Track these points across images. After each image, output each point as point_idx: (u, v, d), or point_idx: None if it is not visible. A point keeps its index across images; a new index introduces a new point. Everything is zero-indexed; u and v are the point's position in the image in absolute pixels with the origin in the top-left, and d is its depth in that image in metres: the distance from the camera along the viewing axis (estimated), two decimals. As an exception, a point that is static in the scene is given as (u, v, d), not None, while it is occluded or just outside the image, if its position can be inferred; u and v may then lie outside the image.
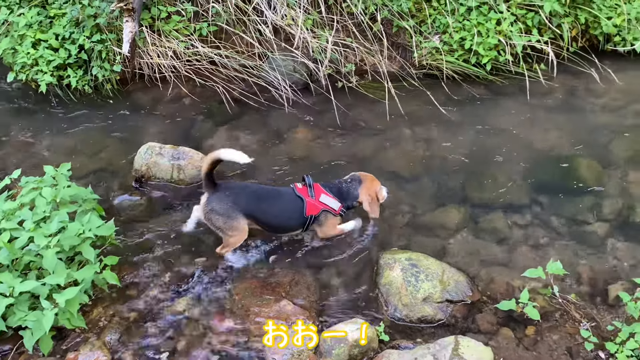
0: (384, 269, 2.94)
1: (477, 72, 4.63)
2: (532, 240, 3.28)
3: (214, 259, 3.17)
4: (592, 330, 2.59)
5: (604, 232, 3.29)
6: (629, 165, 3.77)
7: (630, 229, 3.29)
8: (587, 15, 4.67)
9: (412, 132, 4.23)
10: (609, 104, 4.43)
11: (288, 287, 2.96)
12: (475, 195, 3.65)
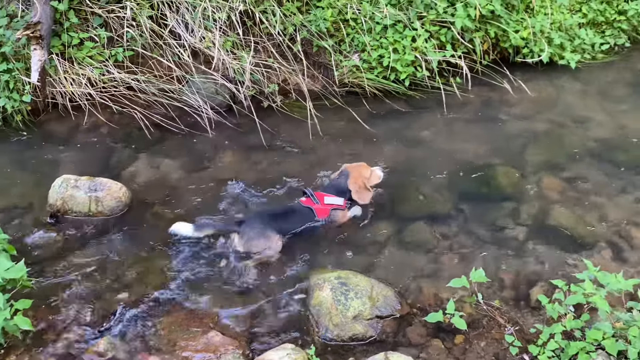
0: (314, 289, 2.91)
1: (397, 87, 4.75)
2: (457, 249, 3.35)
3: (138, 294, 3.03)
4: (516, 334, 2.66)
5: (523, 237, 3.41)
6: (542, 170, 3.95)
7: (547, 231, 3.43)
8: (497, 29, 4.91)
9: (337, 148, 4.26)
10: (521, 112, 4.65)
11: (216, 316, 2.87)
12: (401, 208, 3.70)
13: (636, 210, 3.55)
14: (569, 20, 5.10)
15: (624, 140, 4.22)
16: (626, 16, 5.32)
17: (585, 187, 3.79)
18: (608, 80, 5.04)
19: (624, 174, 3.87)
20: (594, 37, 5.25)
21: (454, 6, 4.68)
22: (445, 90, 4.72)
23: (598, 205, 3.62)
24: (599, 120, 4.48)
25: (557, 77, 5.08)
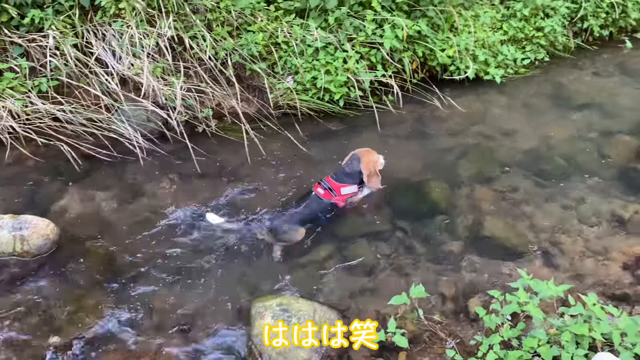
0: (256, 318, 2.85)
1: (332, 108, 4.80)
2: (397, 266, 3.38)
3: (69, 336, 2.87)
4: (457, 348, 2.70)
5: (459, 249, 3.48)
6: (475, 182, 4.07)
7: (482, 243, 3.53)
8: (424, 49, 5.07)
9: (275, 171, 4.24)
10: (452, 128, 4.80)
11: (155, 355, 2.75)
12: (341, 228, 3.70)
13: (563, 217, 3.71)
14: (492, 38, 5.35)
15: (548, 151, 4.43)
16: (543, 32, 5.63)
17: (516, 197, 3.93)
18: (531, 93, 5.29)
19: (550, 183, 4.04)
20: (516, 52, 5.52)
21: (382, 28, 4.80)
22: (379, 108, 4.81)
23: (528, 214, 3.77)
24: (525, 132, 4.68)
25: (484, 92, 5.28)
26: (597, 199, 3.85)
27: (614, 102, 5.12)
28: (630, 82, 5.50)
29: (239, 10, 4.61)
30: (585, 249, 3.44)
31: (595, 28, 5.99)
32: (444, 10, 5.15)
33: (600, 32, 6.07)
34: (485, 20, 5.39)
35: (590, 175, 4.10)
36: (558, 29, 5.64)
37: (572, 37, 6.04)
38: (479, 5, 5.59)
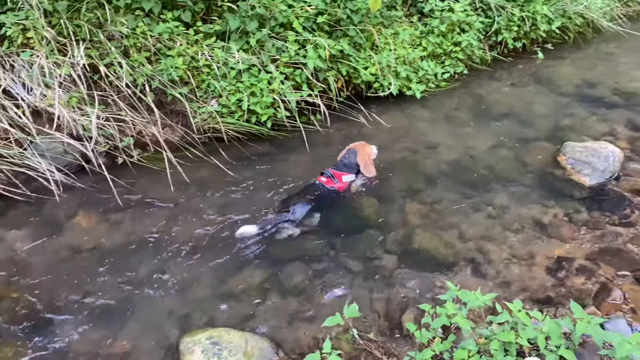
0: (184, 355, 2.73)
1: (260, 130, 4.75)
2: (331, 286, 3.34)
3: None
4: (392, 366, 2.69)
5: (392, 265, 3.49)
6: (404, 196, 4.12)
7: (413, 256, 3.56)
8: (348, 67, 5.13)
9: (202, 198, 4.12)
10: (379, 143, 4.82)
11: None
12: (274, 252, 3.64)
13: (488, 225, 3.81)
14: (412, 54, 5.49)
15: (471, 161, 4.56)
16: (461, 47, 5.84)
17: (443, 208, 4.01)
18: (453, 106, 5.46)
19: (475, 193, 4.15)
20: (436, 67, 5.70)
21: (305, 48, 4.82)
22: (307, 128, 4.81)
23: (456, 225, 3.84)
24: (449, 144, 4.81)
25: (408, 106, 5.41)
26: (519, 206, 3.98)
27: (530, 110, 5.36)
28: (544, 91, 5.79)
29: (156, 35, 4.49)
30: (510, 255, 3.53)
31: (509, 41, 6.29)
32: (365, 30, 5.24)
33: (514, 44, 6.38)
34: (404, 37, 5.54)
35: (511, 183, 4.24)
36: (474, 43, 5.87)
37: (489, 50, 6.31)
38: (398, 23, 5.74)
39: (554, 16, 6.53)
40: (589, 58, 6.59)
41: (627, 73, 6.18)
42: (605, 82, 5.90)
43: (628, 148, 4.62)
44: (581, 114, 5.26)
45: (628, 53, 6.74)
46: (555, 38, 6.83)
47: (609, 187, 4.12)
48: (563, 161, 4.37)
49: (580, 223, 3.77)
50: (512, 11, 6.21)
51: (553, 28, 6.53)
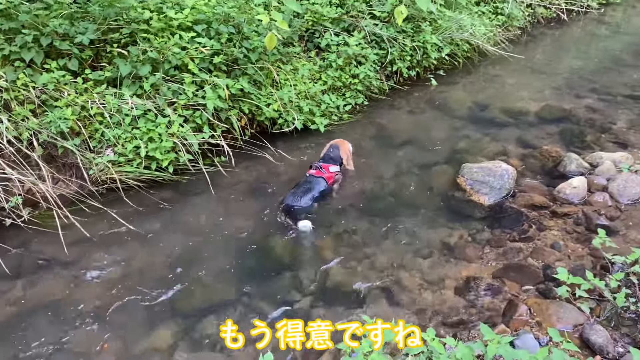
0: None
1: (161, 176, 4.56)
2: (247, 337, 3.20)
3: None
4: (314, 414, 2.60)
5: (307, 306, 3.42)
6: (315, 231, 4.09)
7: (329, 293, 3.51)
8: (250, 105, 5.09)
9: (103, 255, 3.85)
10: (288, 179, 4.82)
11: None
12: (185, 306, 3.45)
13: (399, 252, 3.86)
14: (313, 89, 5.56)
15: (379, 190, 4.64)
16: (359, 79, 6.01)
17: (356, 239, 4.02)
18: (357, 137, 5.55)
19: (385, 221, 4.21)
20: (337, 100, 5.80)
21: (203, 89, 4.73)
22: (212, 170, 4.69)
23: (369, 255, 3.86)
24: (356, 174, 4.86)
25: (314, 140, 5.43)
26: (427, 230, 4.08)
27: (429, 135, 5.58)
28: (440, 115, 6.07)
29: (40, 87, 4.22)
30: (422, 281, 3.59)
31: (404, 70, 6.55)
32: (264, 67, 5.25)
33: (409, 73, 6.66)
34: (304, 72, 5.61)
35: (418, 208, 4.35)
36: (371, 74, 6.06)
37: (386, 80, 6.54)
38: (296, 59, 5.80)
39: (442, 44, 6.90)
40: (478, 81, 7.01)
41: (513, 93, 6.64)
42: (494, 103, 6.29)
43: (520, 165, 4.91)
44: (475, 135, 5.55)
45: (513, 74, 7.26)
46: (446, 64, 7.21)
47: (506, 204, 4.34)
48: (462, 183, 4.55)
49: (483, 242, 3.92)
50: (404, 42, 6.49)
51: (443, 55, 6.89)
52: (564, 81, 6.97)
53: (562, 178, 4.59)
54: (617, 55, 8.05)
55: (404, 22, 6.51)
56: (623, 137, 5.39)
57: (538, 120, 5.86)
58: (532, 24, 9.16)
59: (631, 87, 6.72)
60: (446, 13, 7.09)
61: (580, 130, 5.57)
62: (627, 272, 3.26)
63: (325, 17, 6.18)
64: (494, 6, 8.39)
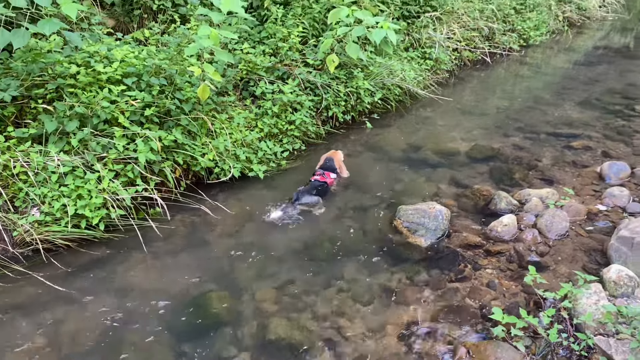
0: None
1: (93, 233, 4.37)
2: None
3: None
4: None
5: (247, 362, 3.33)
6: (255, 283, 4.01)
7: (269, 347, 3.43)
8: (184, 156, 5.01)
9: (28, 324, 3.61)
10: (226, 230, 4.74)
11: None
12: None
13: (340, 300, 3.84)
14: (249, 136, 5.56)
15: (319, 236, 4.63)
16: (295, 125, 6.07)
17: (296, 289, 3.97)
18: (296, 182, 5.54)
19: (325, 268, 4.19)
20: (275, 146, 5.82)
21: (134, 142, 4.63)
22: (146, 224, 4.55)
23: (309, 305, 3.81)
24: (298, 222, 4.83)
25: (253, 188, 5.39)
26: (367, 276, 4.09)
27: (366, 178, 5.67)
28: (376, 158, 6.19)
29: (-43, 146, 4.01)
30: (364, 329, 3.56)
31: (339, 115, 6.69)
32: (198, 117, 5.21)
33: (344, 117, 6.80)
34: (239, 121, 5.61)
35: (357, 253, 4.37)
36: (307, 120, 6.14)
37: (322, 125, 6.64)
38: (232, 107, 5.81)
39: (375, 89, 7.12)
40: (411, 123, 7.24)
41: (444, 134, 6.88)
42: (427, 145, 6.49)
43: (454, 204, 5.05)
44: (411, 176, 5.69)
45: (443, 116, 7.54)
46: (379, 108, 7.41)
47: (442, 245, 4.42)
48: (399, 225, 4.62)
49: (422, 284, 3.96)
50: (337, 88, 6.64)
51: (376, 99, 7.09)
52: (491, 121, 7.31)
53: (493, 216, 4.74)
54: (539, 95, 8.55)
55: (337, 69, 6.68)
56: (548, 173, 5.67)
57: (469, 159, 6.08)
58: (459, 66, 9.63)
59: (553, 125, 7.12)
60: (377, 59, 7.33)
61: (509, 168, 5.82)
62: (558, 307, 3.37)
63: (260, 66, 6.26)
64: (422, 51, 8.77)
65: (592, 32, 13.44)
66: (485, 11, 10.26)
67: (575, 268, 4.01)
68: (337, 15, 5.95)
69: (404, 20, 8.80)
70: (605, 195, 4.99)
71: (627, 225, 4.07)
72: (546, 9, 12.40)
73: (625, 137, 6.64)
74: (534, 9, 11.91)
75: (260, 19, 7.06)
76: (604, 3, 15.17)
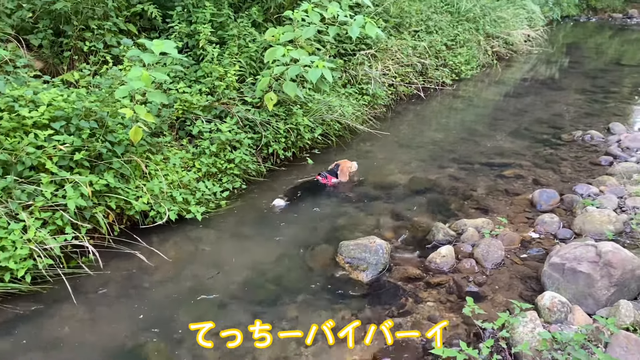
0: None
1: (19, 287, 4.11)
2: None
3: None
4: None
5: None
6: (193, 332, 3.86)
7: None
8: (117, 200, 4.84)
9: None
10: (164, 276, 4.57)
11: None
12: None
13: (282, 343, 3.74)
14: (186, 177, 5.45)
15: (261, 277, 4.53)
16: (235, 163, 6.00)
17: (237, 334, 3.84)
18: (237, 223, 5.47)
19: (266, 310, 4.10)
20: (213, 186, 5.72)
21: (63, 188, 4.43)
22: (78, 273, 4.32)
23: (251, 350, 3.69)
24: (237, 263, 4.74)
25: (191, 230, 5.25)
26: (310, 315, 4.02)
27: (309, 214, 5.65)
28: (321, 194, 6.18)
29: None
30: (307, 372, 3.48)
31: (280, 151, 6.68)
32: (131, 160, 5.07)
33: (285, 154, 6.79)
34: (176, 161, 5.50)
35: (300, 293, 4.30)
36: (247, 158, 6.10)
37: (263, 162, 6.61)
38: (167, 148, 5.69)
39: (315, 125, 7.19)
40: (351, 158, 7.27)
41: (384, 167, 6.99)
42: (367, 178, 6.56)
43: (394, 237, 5.10)
44: (352, 211, 5.71)
45: (382, 149, 7.68)
46: (320, 143, 7.47)
47: (384, 279, 4.43)
48: (341, 261, 4.61)
49: (365, 321, 3.94)
50: (277, 125, 6.66)
51: (316, 135, 7.15)
52: (427, 153, 7.50)
53: (432, 248, 4.81)
54: (472, 126, 8.89)
55: (276, 107, 6.70)
56: (483, 202, 5.85)
57: (407, 192, 6.19)
58: (396, 101, 9.89)
59: (487, 155, 7.39)
60: (315, 96, 7.43)
61: (445, 199, 5.96)
62: (496, 337, 3.42)
63: (196, 105, 6.20)
64: (359, 87, 8.97)
65: (520, 65, 14.19)
66: (418, 48, 10.66)
67: (512, 296, 4.10)
68: (273, 55, 6.01)
69: (340, 57, 9.01)
70: (537, 222, 5.18)
71: (558, 251, 4.22)
72: (476, 44, 13.02)
73: (553, 165, 6.97)
74: (464, 45, 12.49)
75: (196, 59, 7.03)
76: (529, 38, 16.10)
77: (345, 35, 8.54)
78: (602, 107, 10.08)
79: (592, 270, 3.88)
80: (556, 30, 19.91)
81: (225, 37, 7.26)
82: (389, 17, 10.54)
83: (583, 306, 3.82)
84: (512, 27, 14.94)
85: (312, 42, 7.21)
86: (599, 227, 4.89)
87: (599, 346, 3.30)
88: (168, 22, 7.09)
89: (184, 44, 7.07)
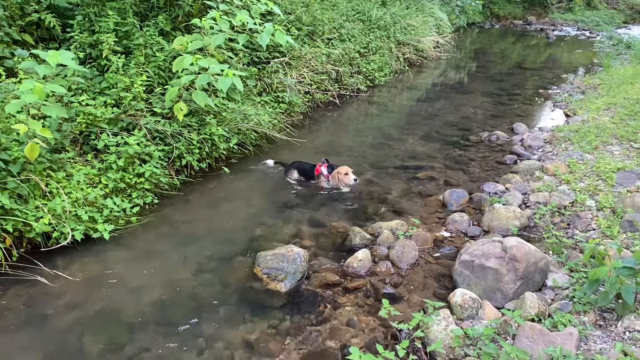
0: None
1: None
2: None
3: None
4: None
5: None
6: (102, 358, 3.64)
7: None
8: (15, 222, 4.48)
9: None
10: (72, 300, 4.28)
11: None
12: None
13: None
14: (92, 194, 5.15)
15: (176, 295, 4.35)
16: (145, 177, 5.75)
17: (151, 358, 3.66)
18: (151, 239, 5.23)
19: (183, 328, 3.94)
20: (122, 202, 5.45)
21: (-51, 212, 4.05)
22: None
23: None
24: (150, 282, 4.53)
25: (101, 250, 4.96)
26: (228, 330, 3.92)
27: (227, 226, 5.52)
28: (236, 204, 6.08)
29: None
30: (225, 389, 3.37)
31: (194, 163, 6.49)
32: (29, 178, 4.72)
33: (199, 165, 6.61)
34: (80, 178, 5.19)
35: (217, 307, 4.18)
36: (158, 171, 5.87)
37: (176, 175, 6.39)
38: (70, 164, 5.36)
39: (230, 135, 7.06)
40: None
41: (301, 175, 6.97)
42: (286, 187, 6.52)
43: (313, 245, 5.08)
44: (270, 220, 5.65)
45: (300, 157, 7.65)
46: (237, 153, 7.35)
47: (302, 288, 4.40)
48: (259, 272, 4.53)
49: (284, 332, 3.88)
50: (190, 136, 6.47)
51: (232, 145, 7.03)
52: (344, 159, 7.58)
53: (350, 252, 4.85)
54: (387, 131, 9.10)
55: (187, 117, 6.52)
56: (398, 205, 5.98)
57: (326, 198, 6.21)
58: (313, 108, 9.94)
59: (401, 159, 7.58)
60: (229, 105, 7.31)
61: (362, 203, 6.04)
62: (412, 338, 3.47)
63: (101, 118, 5.89)
64: (275, 95, 8.93)
65: (430, 71, 14.76)
66: (332, 55, 10.79)
67: (427, 295, 4.20)
68: (182, 64, 5.84)
69: (254, 65, 8.93)
70: (448, 221, 5.36)
71: (467, 249, 4.37)
72: (388, 52, 13.39)
73: (462, 166, 7.27)
74: (377, 52, 12.80)
75: (100, 69, 6.70)
76: (438, 44, 16.79)
77: (258, 44, 8.48)
78: (506, 108, 10.67)
79: (499, 265, 4.05)
80: (463, 37, 20.91)
81: (130, 47, 6.97)
82: (302, 25, 10.60)
83: (492, 301, 3.98)
84: (422, 34, 15.51)
85: (223, 51, 7.09)
86: (506, 223, 5.14)
87: (507, 339, 3.44)
88: (68, 32, 6.70)
89: (87, 54, 6.71)
